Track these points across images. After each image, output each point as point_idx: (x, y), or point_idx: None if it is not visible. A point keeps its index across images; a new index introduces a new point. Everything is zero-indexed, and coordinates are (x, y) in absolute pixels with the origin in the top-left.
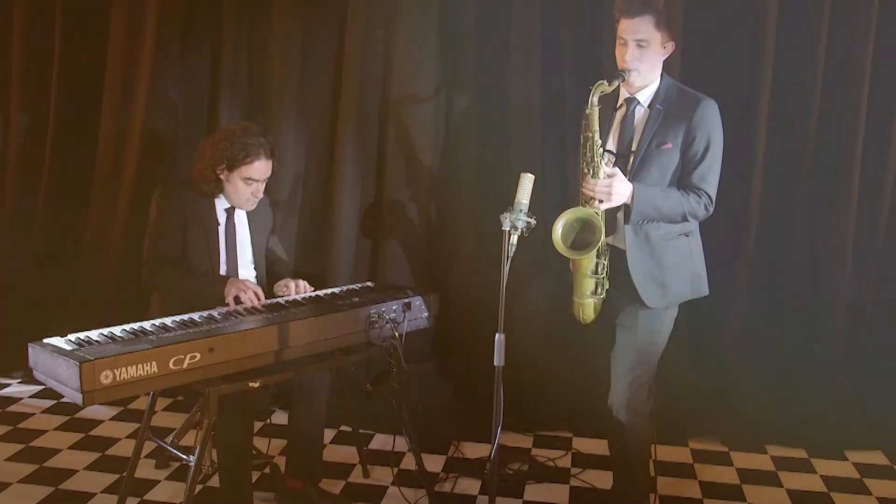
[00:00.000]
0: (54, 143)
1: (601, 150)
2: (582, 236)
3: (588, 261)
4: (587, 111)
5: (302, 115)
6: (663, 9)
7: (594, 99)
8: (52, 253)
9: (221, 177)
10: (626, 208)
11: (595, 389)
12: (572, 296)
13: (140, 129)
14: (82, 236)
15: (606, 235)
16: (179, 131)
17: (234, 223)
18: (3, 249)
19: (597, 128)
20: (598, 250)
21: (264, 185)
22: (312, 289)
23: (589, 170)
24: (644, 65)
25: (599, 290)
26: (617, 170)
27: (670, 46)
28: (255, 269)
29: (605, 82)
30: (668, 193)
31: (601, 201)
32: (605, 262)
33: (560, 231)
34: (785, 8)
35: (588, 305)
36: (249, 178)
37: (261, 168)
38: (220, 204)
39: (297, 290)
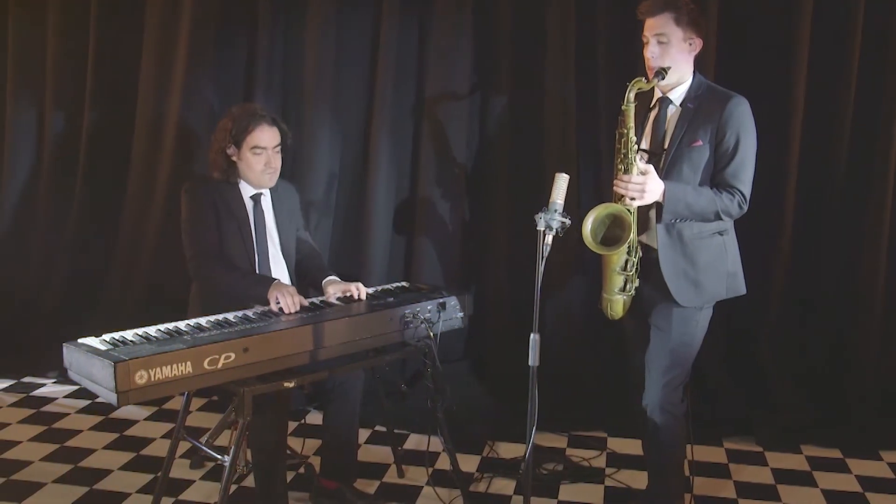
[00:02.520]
0: (89, 142)
1: (636, 146)
2: (612, 232)
3: (617, 257)
4: (623, 107)
5: (336, 114)
6: (684, 6)
7: (630, 95)
8: (86, 253)
9: (234, 157)
10: (659, 206)
11: (630, 389)
12: (601, 291)
13: (174, 129)
14: (117, 236)
15: (639, 233)
16: (214, 130)
17: (261, 210)
18: (38, 249)
19: (632, 124)
20: (628, 247)
21: (278, 156)
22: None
23: (623, 166)
24: (667, 60)
25: (629, 286)
26: (651, 167)
27: (697, 44)
28: (283, 256)
29: (643, 79)
30: (700, 192)
31: (633, 199)
32: (636, 260)
33: (590, 226)
34: (819, 5)
35: (616, 302)
36: (257, 147)
37: (265, 135)
38: (245, 192)
39: (358, 293)
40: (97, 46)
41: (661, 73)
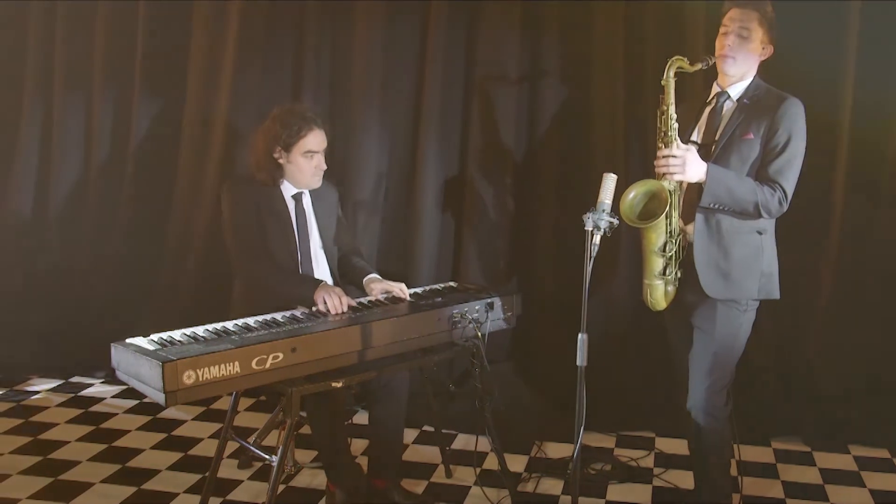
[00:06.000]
0: (137, 142)
1: (675, 124)
2: (649, 207)
3: (655, 236)
4: (662, 82)
5: (384, 114)
6: (769, 11)
7: (671, 72)
8: (134, 253)
9: (281, 161)
10: (701, 190)
11: (677, 389)
12: (643, 279)
13: (223, 129)
14: (165, 235)
15: (685, 224)
16: (257, 132)
17: (303, 208)
18: (86, 249)
19: (672, 101)
20: (669, 230)
21: (324, 156)
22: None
23: (662, 144)
24: (740, 55)
25: (668, 271)
26: (691, 146)
27: (768, 50)
28: (325, 254)
29: (686, 60)
30: (742, 179)
31: (674, 174)
32: (675, 243)
33: (629, 201)
34: (867, 7)
35: (657, 288)
36: (309, 152)
37: (317, 139)
38: (287, 192)
39: (401, 293)
40: (145, 48)
41: (706, 59)
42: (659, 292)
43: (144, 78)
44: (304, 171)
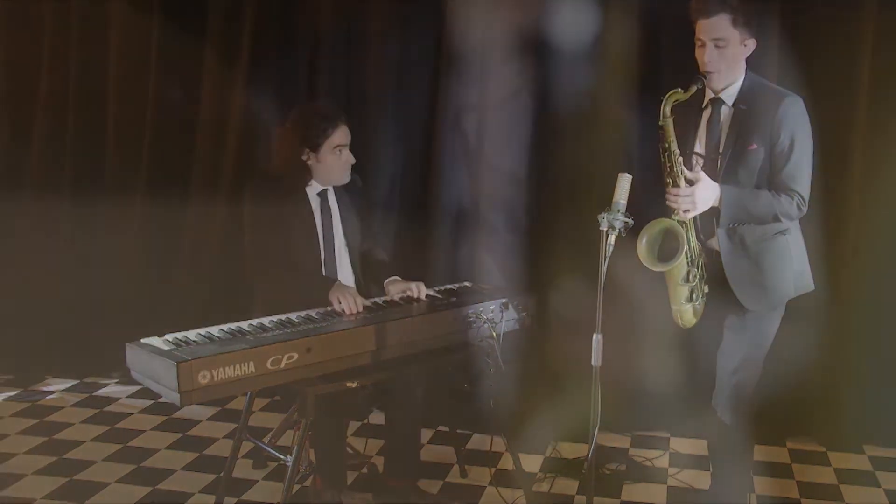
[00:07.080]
0: (152, 142)
1: (680, 159)
2: (668, 245)
3: (677, 269)
4: (660, 122)
5: (399, 115)
6: (739, 6)
7: (666, 109)
8: (149, 252)
9: (310, 162)
10: (719, 211)
11: (694, 389)
12: (670, 303)
13: (238, 128)
14: (180, 235)
15: (707, 238)
16: (278, 137)
17: (328, 206)
18: (101, 248)
19: (673, 138)
20: (689, 258)
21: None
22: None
23: (670, 180)
24: (724, 65)
25: (695, 295)
26: (700, 174)
27: (751, 44)
28: (349, 251)
29: (680, 90)
30: (757, 195)
31: (686, 211)
32: (698, 270)
33: (645, 245)
34: (884, 5)
35: (686, 311)
36: (338, 147)
37: (343, 132)
38: (312, 190)
39: (418, 292)
40: (159, 49)
41: (699, 78)
42: (689, 315)
43: (159, 76)
44: (333, 168)
